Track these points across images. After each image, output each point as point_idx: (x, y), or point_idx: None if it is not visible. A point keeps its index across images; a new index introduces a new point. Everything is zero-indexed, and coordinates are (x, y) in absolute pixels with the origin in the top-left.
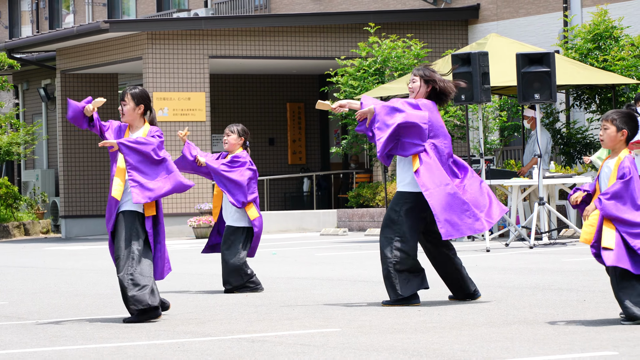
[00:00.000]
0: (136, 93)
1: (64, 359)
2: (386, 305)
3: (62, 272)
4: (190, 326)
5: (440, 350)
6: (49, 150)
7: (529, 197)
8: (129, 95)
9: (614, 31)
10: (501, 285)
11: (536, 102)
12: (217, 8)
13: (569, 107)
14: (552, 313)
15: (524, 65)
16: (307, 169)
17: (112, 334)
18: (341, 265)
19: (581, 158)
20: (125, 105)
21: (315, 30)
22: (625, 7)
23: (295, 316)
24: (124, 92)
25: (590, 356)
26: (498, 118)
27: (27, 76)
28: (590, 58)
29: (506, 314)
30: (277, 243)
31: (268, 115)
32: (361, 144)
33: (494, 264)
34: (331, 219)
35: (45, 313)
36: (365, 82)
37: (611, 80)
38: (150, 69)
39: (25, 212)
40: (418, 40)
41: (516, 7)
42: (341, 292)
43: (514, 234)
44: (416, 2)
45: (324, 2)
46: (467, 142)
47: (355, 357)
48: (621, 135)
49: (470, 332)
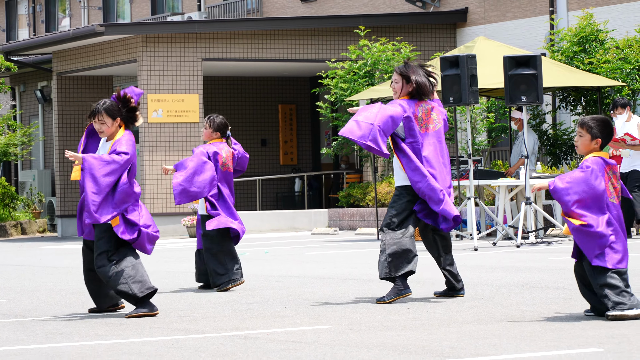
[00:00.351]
0: (109, 108)
1: (60, 355)
2: (380, 303)
3: (58, 271)
4: (184, 323)
5: (429, 347)
6: (46, 151)
7: (516, 197)
8: (104, 113)
9: (599, 34)
10: (489, 283)
11: (523, 103)
12: (211, 12)
13: (555, 108)
14: (539, 310)
15: (511, 68)
16: (299, 170)
17: (107, 331)
18: (332, 264)
19: (567, 159)
20: (104, 124)
21: (307, 33)
22: (610, 11)
23: (287, 314)
24: (96, 110)
25: (577, 353)
26: (486, 119)
27: (24, 78)
28: (576, 61)
29: (494, 312)
30: (269, 242)
31: (260, 116)
32: (351, 145)
33: (482, 263)
34: (322, 218)
35: (42, 310)
36: (355, 85)
37: (596, 82)
38: (144, 71)
39: (22, 212)
40: (407, 43)
41: (503, 10)
42: (332, 290)
43: (501, 233)
44: (406, 6)
45: (315, 5)
46: (456, 143)
47: (346, 354)
48: (595, 143)
49: (458, 329)
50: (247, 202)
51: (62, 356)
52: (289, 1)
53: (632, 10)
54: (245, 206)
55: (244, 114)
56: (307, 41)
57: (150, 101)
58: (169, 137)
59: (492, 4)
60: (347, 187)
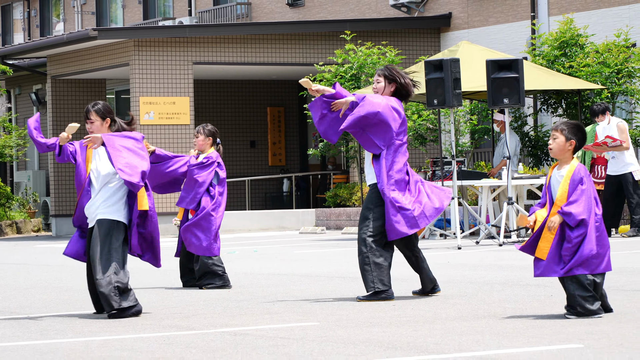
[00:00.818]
0: (99, 109)
1: (54, 351)
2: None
3: (52, 269)
4: (175, 320)
5: (414, 343)
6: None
7: (498, 197)
8: (93, 112)
9: (579, 39)
10: (472, 281)
11: (505, 106)
12: (201, 17)
13: (537, 111)
14: (521, 307)
15: (493, 71)
16: (287, 170)
17: (100, 327)
18: (319, 262)
19: (548, 160)
20: (93, 123)
21: (294, 37)
22: (590, 16)
23: (276, 310)
24: (87, 110)
25: (557, 349)
26: (469, 121)
27: (19, 81)
28: (557, 64)
29: (477, 309)
30: (258, 241)
31: (249, 118)
32: (338, 147)
33: (465, 261)
34: (310, 217)
35: (37, 308)
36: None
37: (577, 85)
38: (137, 74)
39: (18, 212)
40: (393, 47)
41: (486, 15)
42: (319, 288)
43: (484, 232)
44: (391, 11)
45: (302, 10)
46: (440, 145)
47: (333, 350)
48: (569, 145)
49: (442, 325)
50: (236, 202)
51: (56, 352)
52: (277, 6)
53: (611, 16)
54: (234, 206)
55: (233, 116)
56: (295, 45)
57: (142, 104)
58: (160, 139)
59: (475, 9)
60: (334, 188)
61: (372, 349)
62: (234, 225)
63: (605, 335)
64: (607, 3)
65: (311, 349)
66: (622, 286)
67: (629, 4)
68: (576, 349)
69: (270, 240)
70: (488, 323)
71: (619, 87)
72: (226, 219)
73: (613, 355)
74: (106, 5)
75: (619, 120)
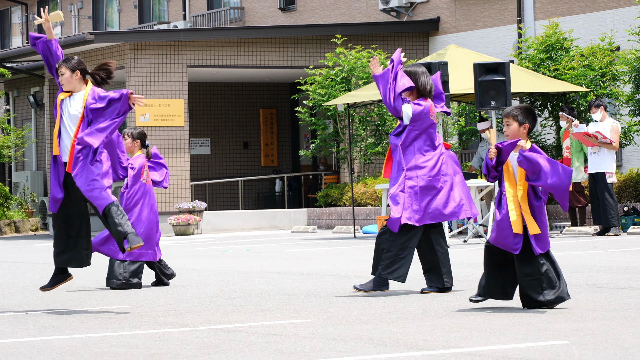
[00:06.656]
0: (70, 61)
1: (52, 348)
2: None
3: (50, 267)
4: (169, 317)
5: (404, 340)
6: (38, 153)
7: (485, 196)
8: (64, 66)
9: (564, 42)
10: (460, 279)
11: (492, 108)
12: (195, 21)
13: None
14: (508, 304)
15: (480, 74)
16: (279, 171)
17: (97, 324)
18: (311, 261)
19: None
20: (63, 75)
21: (286, 41)
22: (575, 20)
23: (268, 308)
24: (58, 64)
25: (544, 345)
26: (457, 123)
27: (18, 84)
28: (543, 67)
29: (465, 306)
30: (251, 240)
31: (242, 120)
32: (329, 148)
33: (453, 260)
34: (301, 217)
35: (34, 305)
36: (332, 90)
37: (562, 88)
38: (132, 77)
39: (16, 211)
40: (382, 50)
41: (474, 20)
42: (311, 286)
43: (471, 231)
44: (380, 16)
45: (294, 15)
46: None
47: (325, 346)
48: (523, 128)
49: (431, 322)
50: (229, 201)
51: (54, 349)
52: (270, 11)
53: (595, 20)
54: (228, 206)
55: (226, 118)
56: (286, 49)
57: (138, 106)
58: (155, 140)
59: (463, 14)
60: (325, 188)
61: (362, 346)
62: (228, 224)
63: (591, 332)
64: (592, 8)
65: (303, 345)
66: (606, 284)
67: (613, 8)
68: (562, 345)
69: (263, 239)
70: (475, 320)
71: (603, 90)
72: (220, 219)
73: (598, 351)
74: (102, 9)
75: (613, 121)
